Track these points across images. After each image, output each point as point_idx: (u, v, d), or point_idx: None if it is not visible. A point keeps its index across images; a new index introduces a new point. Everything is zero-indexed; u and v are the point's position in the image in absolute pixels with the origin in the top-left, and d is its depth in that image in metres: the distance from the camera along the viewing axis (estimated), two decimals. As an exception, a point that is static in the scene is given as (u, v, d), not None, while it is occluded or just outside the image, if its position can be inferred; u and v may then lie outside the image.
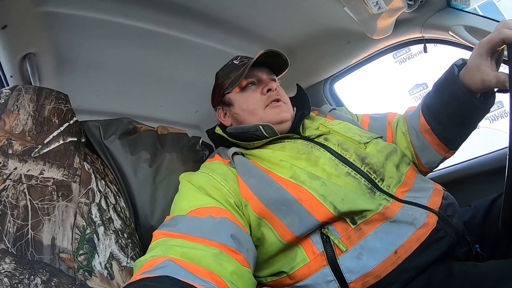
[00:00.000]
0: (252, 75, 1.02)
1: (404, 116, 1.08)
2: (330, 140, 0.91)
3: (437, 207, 0.80)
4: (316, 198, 0.77)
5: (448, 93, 0.87)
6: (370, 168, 0.84)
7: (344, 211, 0.76)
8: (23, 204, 0.75)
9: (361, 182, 0.81)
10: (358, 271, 0.73)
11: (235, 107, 1.03)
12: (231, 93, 1.03)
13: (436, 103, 0.92)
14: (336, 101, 1.77)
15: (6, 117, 0.84)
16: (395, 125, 1.08)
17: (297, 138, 0.95)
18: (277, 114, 0.97)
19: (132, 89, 1.55)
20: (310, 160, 0.85)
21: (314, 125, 1.01)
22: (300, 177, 0.81)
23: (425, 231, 0.75)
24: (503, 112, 4.85)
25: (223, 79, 1.05)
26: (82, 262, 0.76)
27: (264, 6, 1.25)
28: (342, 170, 0.83)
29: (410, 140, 1.01)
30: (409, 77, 6.96)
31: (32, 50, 1.10)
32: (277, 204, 0.79)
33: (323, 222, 0.77)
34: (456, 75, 0.83)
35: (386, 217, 0.76)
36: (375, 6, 1.12)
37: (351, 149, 0.88)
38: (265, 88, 0.99)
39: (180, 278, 0.56)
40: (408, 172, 0.89)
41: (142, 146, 1.07)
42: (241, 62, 1.05)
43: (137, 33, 1.21)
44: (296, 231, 0.77)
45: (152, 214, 1.00)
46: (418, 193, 0.83)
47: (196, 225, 0.71)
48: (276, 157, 0.88)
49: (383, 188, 0.81)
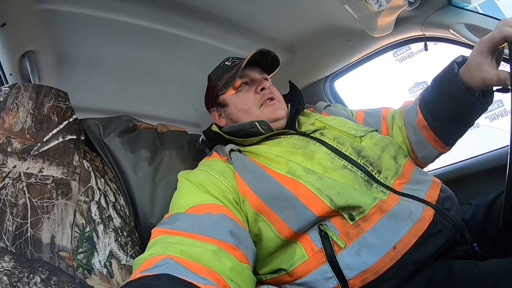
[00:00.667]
0: (245, 75, 1.02)
1: (400, 111, 1.08)
2: (325, 134, 0.92)
3: (434, 200, 0.80)
4: (312, 192, 0.78)
5: (447, 90, 0.87)
6: (367, 160, 0.84)
7: (340, 205, 0.76)
8: (22, 202, 0.75)
9: (358, 174, 0.81)
10: (357, 268, 0.73)
11: (230, 108, 1.03)
12: (225, 94, 1.04)
13: (434, 99, 0.92)
14: (336, 99, 1.77)
15: (6, 115, 0.84)
16: (390, 119, 1.09)
17: (293, 134, 0.95)
18: (272, 112, 0.98)
19: (132, 87, 1.55)
20: (306, 154, 0.86)
21: (310, 121, 1.02)
22: (296, 172, 0.82)
23: (422, 225, 0.75)
24: (503, 110, 4.85)
25: (216, 81, 1.06)
26: (81, 260, 0.76)
27: (264, 3, 1.25)
28: (339, 163, 0.83)
29: (407, 135, 1.02)
30: (410, 76, 6.95)
31: (32, 48, 1.10)
32: (274, 199, 0.80)
33: (320, 217, 0.77)
34: (456, 73, 0.83)
35: (383, 210, 0.76)
36: (376, 4, 1.11)
37: (347, 143, 0.88)
38: (258, 87, 1.00)
39: (179, 276, 0.56)
40: (406, 164, 0.89)
41: (142, 144, 1.07)
42: (232, 63, 1.05)
43: (137, 30, 1.21)
44: (293, 225, 0.77)
45: (152, 212, 1.00)
46: (415, 186, 0.83)
47: (195, 222, 0.71)
48: (272, 152, 0.88)
49: (380, 180, 0.82)
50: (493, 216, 0.85)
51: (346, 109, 1.19)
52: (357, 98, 5.43)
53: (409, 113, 1.02)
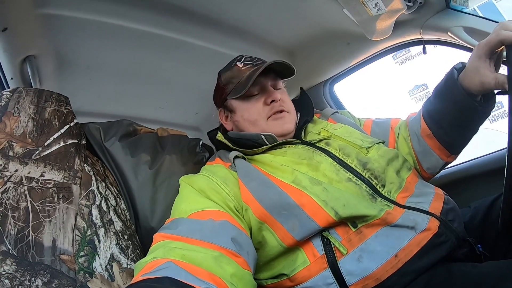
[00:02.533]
0: (256, 83, 0.97)
1: (405, 122, 1.07)
2: (331, 144, 0.91)
3: (438, 212, 0.80)
4: (317, 203, 0.77)
5: (449, 97, 0.86)
6: (372, 174, 0.84)
7: (345, 217, 0.76)
8: (24, 206, 0.75)
9: (362, 188, 0.81)
10: (358, 274, 0.73)
11: (236, 115, 1.01)
12: (234, 99, 0.99)
13: (436, 107, 0.92)
14: (336, 102, 1.77)
15: (7, 119, 0.84)
16: (397, 131, 1.08)
17: (298, 143, 0.94)
18: (280, 126, 0.96)
19: (132, 91, 1.55)
20: (311, 165, 0.85)
21: (316, 129, 1.00)
22: (302, 182, 0.81)
23: (426, 235, 0.75)
24: (503, 112, 4.84)
25: (225, 82, 1.01)
26: (82, 263, 0.76)
27: (263, 7, 1.25)
28: (343, 175, 0.83)
29: (412, 146, 1.01)
30: (409, 78, 6.96)
31: (33, 52, 1.10)
32: (278, 209, 0.79)
33: (324, 227, 0.77)
34: (456, 79, 0.83)
35: (388, 222, 0.76)
36: (374, 8, 1.12)
37: (353, 154, 0.87)
38: (268, 98, 0.96)
39: (180, 279, 0.57)
40: (409, 178, 0.89)
41: (142, 148, 1.07)
42: (245, 66, 1.00)
43: (137, 35, 1.22)
44: (296, 235, 0.77)
45: (153, 216, 1.00)
46: (419, 198, 0.83)
47: (197, 228, 0.71)
48: (277, 161, 0.87)
49: (384, 194, 0.81)
50: (492, 218, 0.86)
51: (353, 117, 1.17)
52: (358, 101, 5.44)
53: (413, 123, 1.02)
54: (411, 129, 1.02)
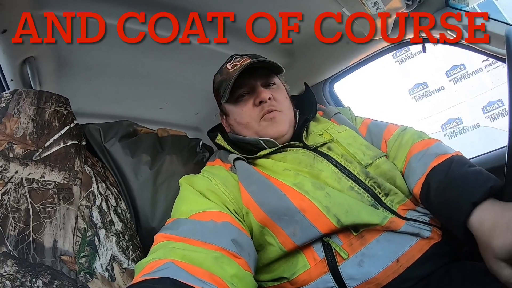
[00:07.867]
0: (244, 84, 0.95)
1: (405, 156, 0.92)
2: (333, 149, 0.89)
3: (439, 224, 0.80)
4: (319, 210, 0.76)
5: (448, 218, 0.73)
6: (374, 182, 0.82)
7: (347, 224, 0.75)
8: (24, 207, 0.76)
9: (364, 197, 0.80)
10: (359, 278, 0.73)
11: (230, 118, 1.00)
12: (226, 103, 0.99)
13: (433, 208, 0.79)
14: (336, 102, 1.77)
15: (7, 121, 0.84)
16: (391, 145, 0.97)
17: (300, 147, 0.92)
18: (272, 129, 0.93)
19: (132, 92, 1.55)
20: (313, 173, 0.84)
21: (318, 129, 0.97)
22: (304, 186, 0.80)
23: (428, 242, 0.75)
24: (503, 110, 4.85)
25: (217, 87, 1.01)
26: (83, 264, 0.76)
27: (262, 7, 1.25)
28: (345, 184, 0.81)
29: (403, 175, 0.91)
30: (409, 77, 6.97)
31: (32, 54, 1.10)
32: (279, 214, 0.78)
33: (326, 233, 0.76)
34: (466, 225, 0.68)
35: (391, 229, 0.75)
36: (374, 7, 1.12)
37: (355, 161, 0.86)
38: (257, 99, 0.93)
39: (181, 279, 0.57)
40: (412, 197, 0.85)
41: (143, 148, 1.08)
42: (233, 67, 0.95)
43: (136, 35, 1.22)
44: (297, 240, 0.76)
45: (153, 216, 1.01)
46: (419, 213, 0.81)
47: (198, 229, 0.71)
48: (279, 166, 0.86)
49: (386, 203, 0.80)
50: None
51: (352, 116, 1.11)
52: (357, 100, 5.44)
53: (411, 175, 0.87)
54: (406, 176, 0.89)
